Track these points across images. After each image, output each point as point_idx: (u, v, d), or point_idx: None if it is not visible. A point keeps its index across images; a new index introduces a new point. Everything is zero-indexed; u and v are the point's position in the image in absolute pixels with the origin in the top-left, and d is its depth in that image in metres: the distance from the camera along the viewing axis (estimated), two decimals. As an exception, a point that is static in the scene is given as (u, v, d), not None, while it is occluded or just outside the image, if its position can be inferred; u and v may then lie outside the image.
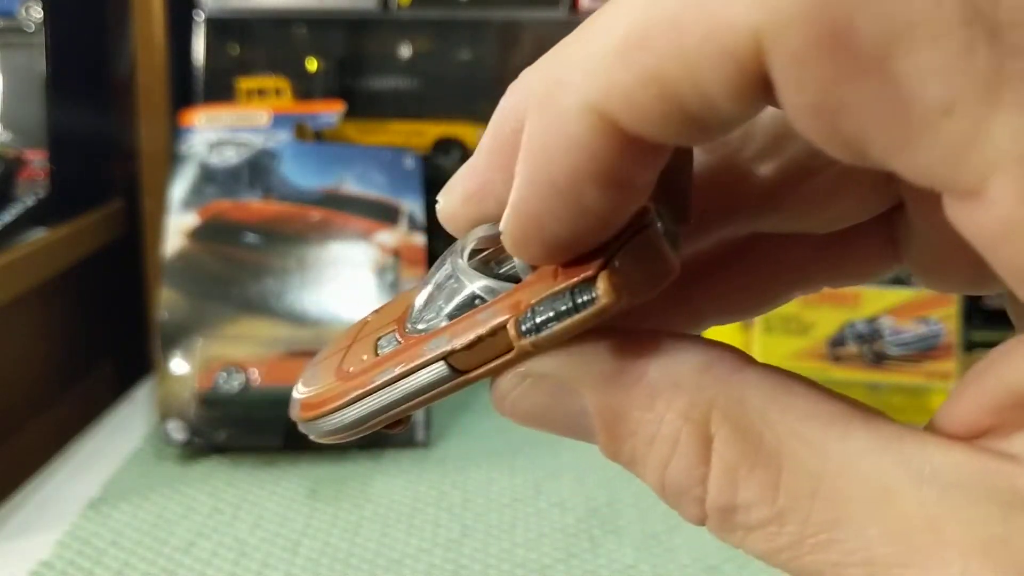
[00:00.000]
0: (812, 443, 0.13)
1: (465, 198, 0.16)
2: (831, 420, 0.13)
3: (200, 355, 0.57)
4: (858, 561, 0.12)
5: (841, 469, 0.12)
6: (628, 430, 0.14)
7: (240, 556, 0.46)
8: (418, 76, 0.70)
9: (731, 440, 0.13)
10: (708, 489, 0.13)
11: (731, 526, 0.13)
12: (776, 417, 0.13)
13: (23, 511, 0.51)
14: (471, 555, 0.47)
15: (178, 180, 0.63)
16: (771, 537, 0.13)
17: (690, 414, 0.13)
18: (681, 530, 0.49)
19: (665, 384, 0.13)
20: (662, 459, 0.14)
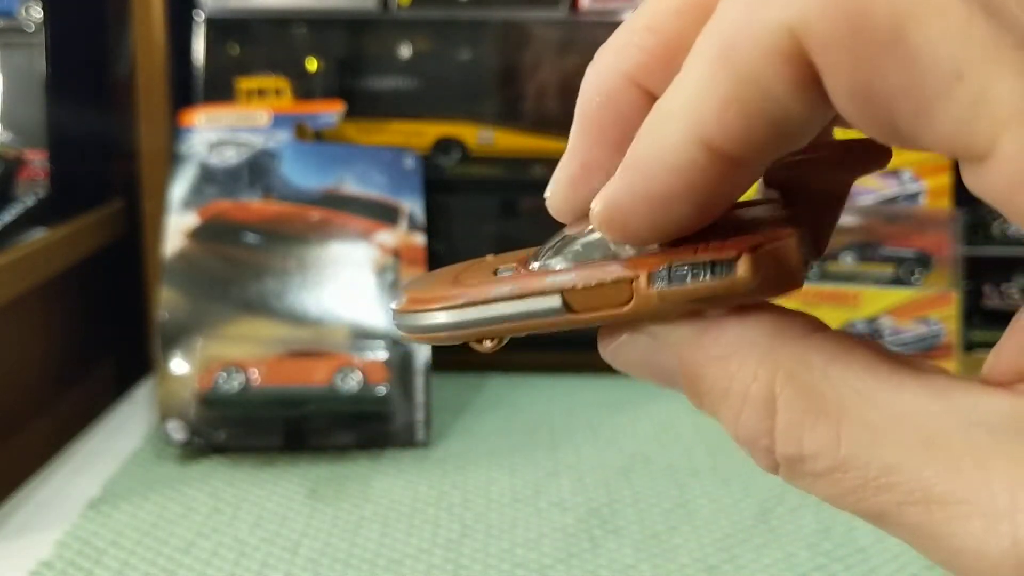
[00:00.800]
0: (869, 397, 0.14)
1: (571, 183, 0.17)
2: (887, 376, 0.14)
3: (200, 355, 0.57)
4: (917, 499, 0.13)
5: (896, 419, 0.14)
6: (706, 385, 0.15)
7: (240, 556, 0.46)
8: (418, 76, 0.70)
9: (794, 398, 0.14)
10: (775, 440, 0.15)
11: (799, 473, 0.15)
12: (837, 375, 0.14)
13: (23, 511, 0.51)
14: (471, 555, 0.47)
15: (178, 180, 0.63)
16: (836, 483, 0.14)
17: (758, 374, 0.15)
18: (681, 530, 0.49)
19: (738, 346, 0.15)
20: (734, 412, 0.15)
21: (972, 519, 0.13)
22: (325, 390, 0.56)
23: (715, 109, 0.14)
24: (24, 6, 0.68)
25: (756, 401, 0.15)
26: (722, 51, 0.13)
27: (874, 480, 0.14)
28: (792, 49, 0.13)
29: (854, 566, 0.46)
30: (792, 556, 0.47)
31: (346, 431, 0.57)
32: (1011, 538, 0.13)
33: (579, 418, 0.63)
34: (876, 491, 0.14)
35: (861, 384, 0.14)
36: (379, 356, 0.58)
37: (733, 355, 0.15)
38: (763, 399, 0.15)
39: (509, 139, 0.69)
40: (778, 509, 0.51)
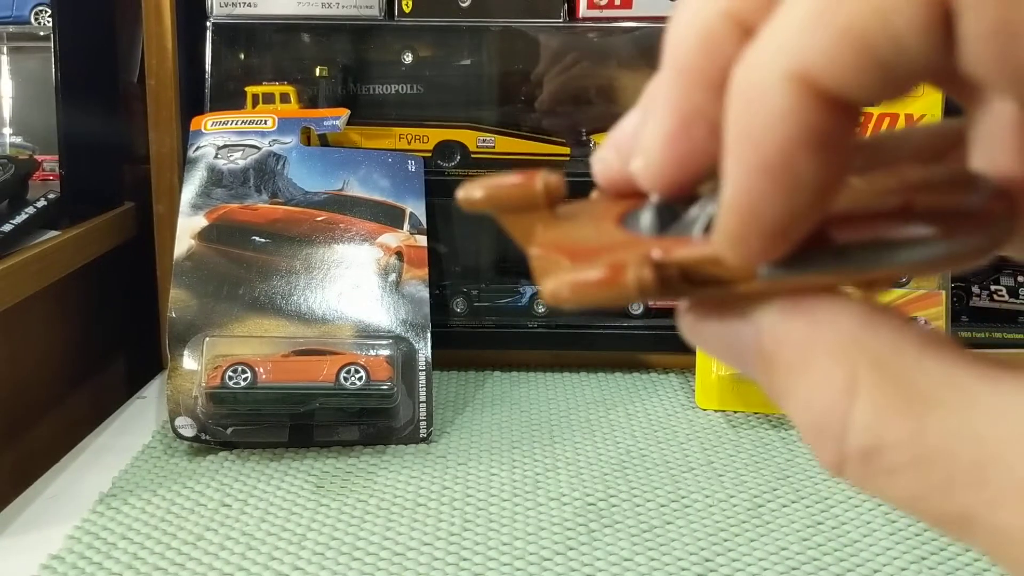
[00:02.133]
0: (964, 388, 0.13)
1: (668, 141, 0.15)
2: (982, 371, 0.13)
3: (208, 353, 0.58)
4: (1012, 497, 0.12)
5: (991, 413, 0.13)
6: (783, 363, 0.14)
7: (247, 549, 0.47)
8: (420, 82, 0.70)
9: (879, 384, 0.13)
10: (851, 429, 0.13)
11: (873, 469, 0.13)
12: (929, 365, 0.13)
13: (35, 505, 0.51)
14: (472, 547, 0.47)
15: (187, 183, 0.64)
16: (918, 479, 0.13)
17: (842, 356, 0.14)
18: (676, 524, 0.50)
19: (826, 326, 0.14)
20: (807, 394, 0.14)
21: None
22: (330, 387, 0.57)
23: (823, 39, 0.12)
24: (35, 12, 0.69)
25: (835, 384, 0.13)
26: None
27: (964, 474, 0.12)
28: None
29: (845, 559, 0.47)
30: (784, 549, 0.48)
31: (351, 427, 0.58)
32: None
33: (577, 414, 0.63)
34: (965, 488, 0.12)
35: (955, 376, 0.13)
36: (383, 354, 0.59)
37: (819, 335, 0.14)
38: (844, 382, 0.13)
39: (509, 143, 0.69)
40: (771, 504, 0.52)
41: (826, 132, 0.13)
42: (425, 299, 0.62)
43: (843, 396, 0.13)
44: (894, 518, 0.51)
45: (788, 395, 0.14)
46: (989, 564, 0.46)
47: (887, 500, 0.14)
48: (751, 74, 0.13)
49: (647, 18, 0.68)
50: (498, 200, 0.16)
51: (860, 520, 0.50)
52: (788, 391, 0.14)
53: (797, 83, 0.13)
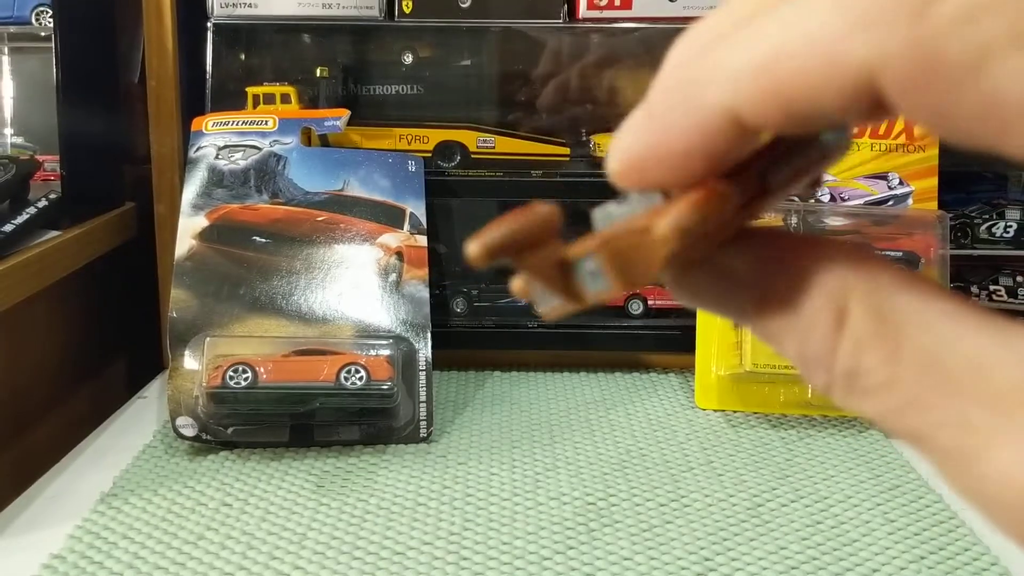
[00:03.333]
0: (929, 325, 0.15)
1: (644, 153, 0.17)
2: (949, 310, 0.15)
3: (209, 353, 0.58)
4: (955, 422, 0.14)
5: (951, 347, 0.14)
6: (778, 303, 0.16)
7: (248, 548, 0.47)
8: (420, 82, 0.70)
9: (863, 317, 0.15)
10: (838, 356, 0.15)
11: (852, 389, 0.15)
12: (903, 303, 0.15)
13: (37, 504, 0.52)
14: (472, 547, 0.48)
15: (188, 183, 0.64)
16: (885, 398, 0.15)
17: (833, 293, 0.16)
18: (675, 524, 0.50)
19: (816, 268, 0.16)
20: (804, 328, 0.16)
21: (1005, 447, 0.13)
22: (331, 387, 0.57)
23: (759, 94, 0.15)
24: (36, 12, 0.69)
25: (827, 318, 0.15)
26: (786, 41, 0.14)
27: (917, 399, 0.14)
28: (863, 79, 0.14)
29: (844, 559, 0.47)
30: (783, 549, 0.48)
31: (351, 427, 0.58)
32: None
33: (577, 414, 0.64)
34: (918, 410, 0.14)
35: (923, 314, 0.15)
36: (383, 354, 0.59)
37: (809, 276, 0.16)
38: (834, 317, 0.15)
39: (508, 144, 0.70)
40: (770, 504, 0.52)
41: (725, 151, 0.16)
42: (425, 299, 0.62)
43: (834, 328, 0.15)
44: (893, 517, 0.51)
45: (784, 333, 0.16)
46: (988, 564, 0.47)
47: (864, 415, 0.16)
48: (700, 83, 0.15)
49: (647, 18, 0.69)
50: (504, 241, 0.17)
51: (859, 520, 0.51)
52: (784, 329, 0.16)
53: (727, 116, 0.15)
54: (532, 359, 0.71)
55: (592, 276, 0.16)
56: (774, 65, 0.14)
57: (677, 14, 0.68)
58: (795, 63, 0.14)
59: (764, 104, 0.15)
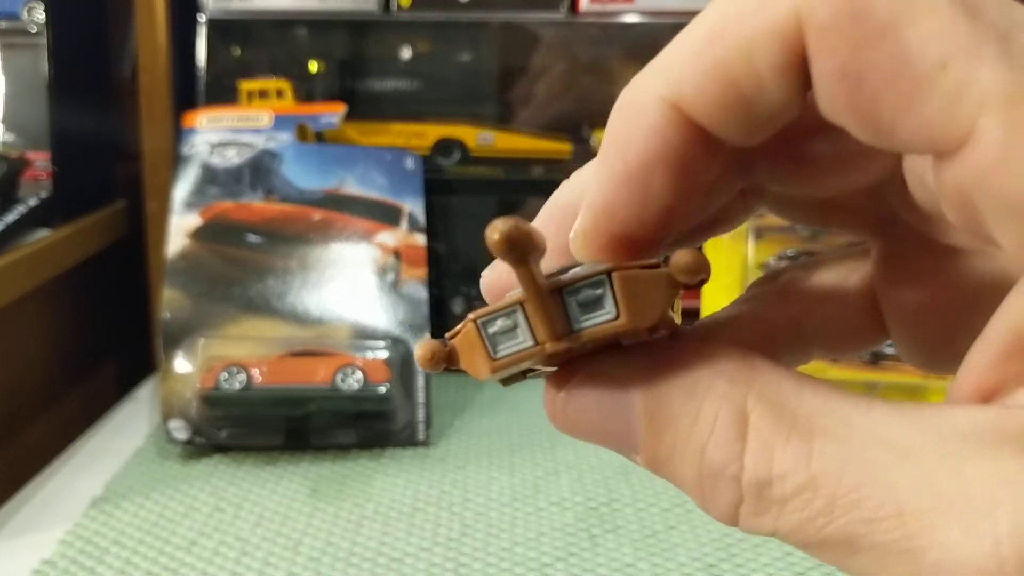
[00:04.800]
0: (841, 416, 0.14)
1: None
2: (857, 400, 0.14)
3: (202, 354, 0.58)
4: (888, 514, 0.13)
5: (868, 436, 0.13)
6: (671, 417, 0.15)
7: (242, 555, 0.47)
8: (419, 77, 0.70)
9: (767, 416, 0.14)
10: (745, 464, 0.14)
11: (766, 502, 0.14)
12: (809, 396, 0.14)
13: (27, 509, 0.51)
14: (471, 553, 0.47)
15: (180, 181, 0.63)
16: (805, 504, 0.14)
17: (729, 395, 0.14)
18: (679, 529, 0.49)
19: (706, 373, 0.15)
20: (701, 441, 0.14)
21: (950, 526, 0.12)
22: (327, 389, 0.57)
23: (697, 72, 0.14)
24: (27, 7, 0.68)
25: (727, 423, 0.14)
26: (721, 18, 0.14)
27: (844, 496, 0.13)
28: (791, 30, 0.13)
29: (851, 564, 0.46)
30: (789, 555, 0.47)
31: (347, 430, 0.58)
32: (992, 537, 0.12)
33: (579, 417, 0.63)
34: (846, 508, 0.13)
35: (833, 404, 0.14)
36: (380, 355, 0.58)
37: (700, 381, 0.15)
38: (734, 420, 0.14)
39: (509, 140, 0.69)
40: (776, 508, 0.52)
41: (685, 156, 0.15)
42: (423, 299, 0.61)
43: (736, 432, 0.14)
44: (901, 522, 0.50)
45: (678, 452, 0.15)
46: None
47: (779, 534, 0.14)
48: (633, 93, 0.15)
49: (648, 12, 0.68)
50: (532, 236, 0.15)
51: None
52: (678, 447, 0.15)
53: (669, 107, 0.14)
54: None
55: (589, 306, 0.15)
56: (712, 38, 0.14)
57: (679, 8, 0.68)
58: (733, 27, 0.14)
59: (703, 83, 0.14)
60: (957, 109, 0.13)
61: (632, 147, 0.15)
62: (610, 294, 0.15)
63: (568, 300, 0.15)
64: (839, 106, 0.14)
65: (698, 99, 0.14)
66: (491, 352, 0.15)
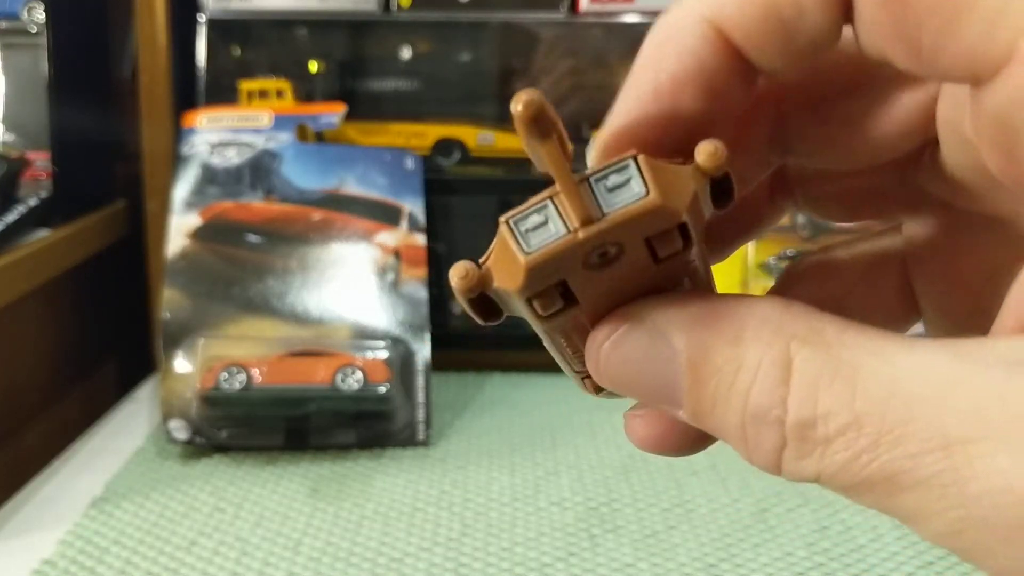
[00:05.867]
0: (884, 355, 0.14)
1: None
2: (901, 339, 0.14)
3: (202, 355, 0.57)
4: (935, 447, 0.13)
5: (912, 373, 0.13)
6: (714, 366, 0.15)
7: (242, 555, 0.46)
8: (419, 77, 0.70)
9: (811, 360, 0.14)
10: (788, 406, 0.14)
11: (810, 444, 0.14)
12: (851, 338, 0.14)
13: (26, 509, 0.51)
14: (471, 553, 0.47)
15: (180, 181, 0.63)
16: (849, 443, 0.13)
17: (773, 342, 0.14)
18: (679, 529, 0.49)
19: (750, 320, 0.15)
20: (745, 387, 0.14)
21: (998, 455, 0.12)
22: (327, 389, 0.56)
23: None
24: (27, 7, 0.68)
25: (771, 368, 0.14)
26: None
27: (889, 433, 0.13)
28: None
29: (851, 565, 0.46)
30: (790, 555, 0.47)
31: (347, 430, 0.58)
32: None
33: (579, 417, 0.63)
34: (891, 445, 0.13)
35: (875, 345, 0.14)
36: (380, 355, 0.58)
37: (744, 329, 0.15)
38: (778, 365, 0.14)
39: (509, 140, 0.69)
40: (776, 508, 0.51)
41: (716, 78, 0.15)
42: (423, 299, 0.61)
43: (780, 378, 0.14)
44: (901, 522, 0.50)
45: (722, 400, 0.15)
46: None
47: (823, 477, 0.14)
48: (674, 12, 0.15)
49: (648, 12, 0.68)
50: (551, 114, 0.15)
51: (867, 525, 0.50)
52: (721, 394, 0.15)
53: (707, 27, 0.14)
54: (533, 361, 0.71)
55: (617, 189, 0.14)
56: None
57: (679, 8, 0.67)
58: None
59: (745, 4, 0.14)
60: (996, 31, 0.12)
61: (666, 63, 0.15)
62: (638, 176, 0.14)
63: (596, 187, 0.14)
64: (882, 33, 0.14)
65: (740, 20, 0.14)
66: (524, 247, 0.14)
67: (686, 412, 0.15)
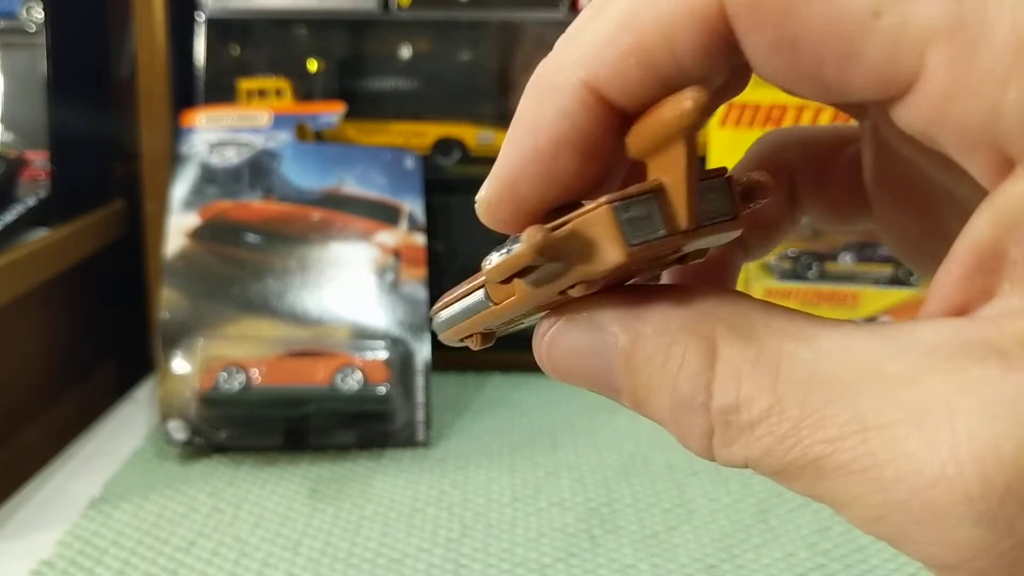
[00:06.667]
0: (807, 338, 0.14)
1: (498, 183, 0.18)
2: (825, 322, 0.14)
3: (201, 355, 0.57)
4: (853, 431, 0.13)
5: (832, 354, 0.14)
6: (645, 355, 0.15)
7: (241, 555, 0.46)
8: (418, 77, 0.70)
9: (735, 345, 0.14)
10: (713, 392, 0.14)
11: (735, 429, 0.14)
12: (775, 323, 0.14)
13: (24, 510, 0.51)
14: (471, 554, 0.47)
15: (179, 180, 0.63)
16: (772, 428, 0.14)
17: (699, 329, 0.15)
18: (680, 530, 0.49)
19: (677, 309, 0.15)
20: (672, 374, 0.15)
21: (910, 437, 0.12)
22: (326, 390, 0.56)
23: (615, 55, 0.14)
24: (26, 7, 0.68)
25: (697, 354, 0.14)
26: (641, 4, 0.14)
27: (809, 416, 0.13)
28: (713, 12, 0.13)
29: (853, 565, 0.46)
30: (791, 556, 0.47)
31: (347, 431, 0.57)
32: (950, 443, 0.12)
33: (579, 418, 0.63)
34: (812, 429, 0.13)
35: (799, 330, 0.14)
36: (379, 356, 0.58)
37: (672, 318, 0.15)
38: (703, 351, 0.14)
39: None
40: (777, 509, 0.51)
41: (595, 139, 0.15)
42: (423, 299, 0.61)
43: (705, 363, 0.14)
44: (903, 523, 0.50)
45: (654, 388, 0.15)
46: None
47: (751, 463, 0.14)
48: (550, 74, 0.15)
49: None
50: None
51: (869, 525, 0.50)
52: (653, 383, 0.15)
53: (584, 90, 0.14)
54: (533, 361, 0.70)
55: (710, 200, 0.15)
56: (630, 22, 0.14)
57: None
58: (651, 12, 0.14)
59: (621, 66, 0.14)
60: (899, 52, 0.12)
61: (544, 127, 0.15)
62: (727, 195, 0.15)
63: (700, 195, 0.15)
64: (781, 75, 0.14)
65: (616, 81, 0.14)
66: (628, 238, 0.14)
67: (626, 401, 0.16)
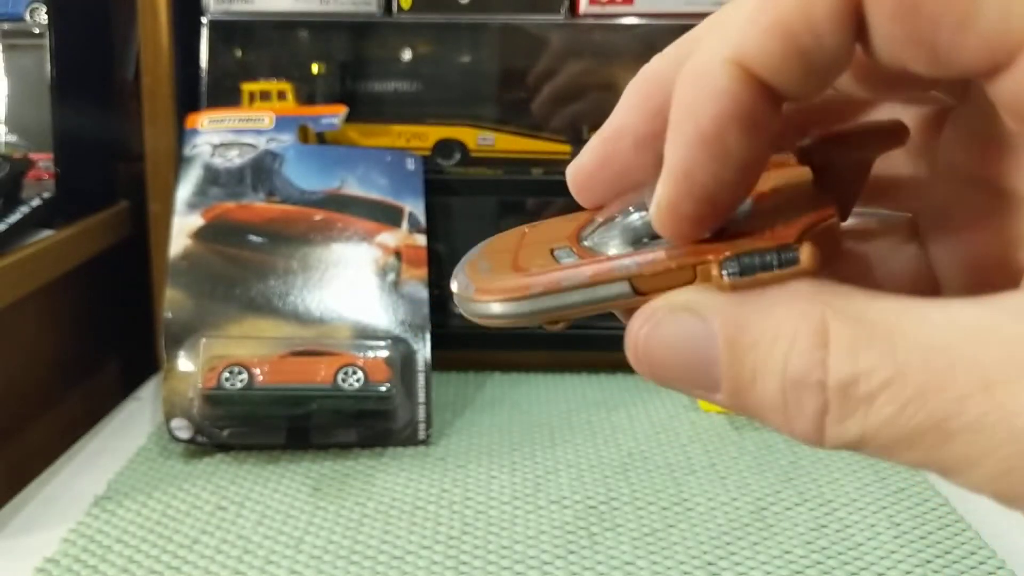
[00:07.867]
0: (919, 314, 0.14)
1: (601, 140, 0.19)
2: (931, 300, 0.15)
3: (204, 354, 0.57)
4: (978, 387, 0.13)
5: (944, 325, 0.14)
6: (751, 339, 0.15)
7: (244, 552, 0.47)
8: (419, 79, 0.70)
9: (847, 325, 0.14)
10: (829, 367, 0.14)
11: (853, 402, 0.14)
12: (882, 304, 0.15)
13: (29, 508, 0.51)
14: (471, 551, 0.47)
15: (183, 182, 0.63)
16: (895, 395, 0.14)
17: (806, 311, 0.15)
18: (678, 527, 0.49)
19: (782, 295, 0.15)
20: (783, 354, 0.15)
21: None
22: (328, 389, 0.57)
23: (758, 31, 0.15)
24: (30, 9, 0.68)
25: (808, 333, 0.15)
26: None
27: (933, 380, 0.14)
28: None
29: (849, 563, 0.46)
30: (788, 553, 0.47)
31: (349, 429, 0.58)
32: None
33: (578, 416, 0.63)
34: (937, 392, 0.13)
35: (903, 306, 0.14)
36: (381, 355, 0.58)
37: (777, 304, 0.15)
38: (815, 330, 0.15)
39: (509, 141, 0.69)
40: (774, 507, 0.52)
41: (754, 113, 0.15)
42: (424, 299, 0.61)
43: (818, 341, 0.14)
44: (898, 521, 0.50)
45: (760, 372, 0.15)
46: (995, 568, 0.46)
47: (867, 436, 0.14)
48: (699, 61, 0.16)
49: (648, 14, 0.68)
50: None
51: (864, 523, 0.50)
52: (759, 367, 0.15)
53: (734, 67, 0.15)
54: (533, 360, 0.71)
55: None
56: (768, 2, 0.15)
57: (679, 9, 0.68)
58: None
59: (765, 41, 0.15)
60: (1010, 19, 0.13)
61: (704, 110, 0.15)
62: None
63: None
64: (898, 44, 0.14)
65: (762, 55, 0.15)
66: None
67: (724, 392, 0.16)
